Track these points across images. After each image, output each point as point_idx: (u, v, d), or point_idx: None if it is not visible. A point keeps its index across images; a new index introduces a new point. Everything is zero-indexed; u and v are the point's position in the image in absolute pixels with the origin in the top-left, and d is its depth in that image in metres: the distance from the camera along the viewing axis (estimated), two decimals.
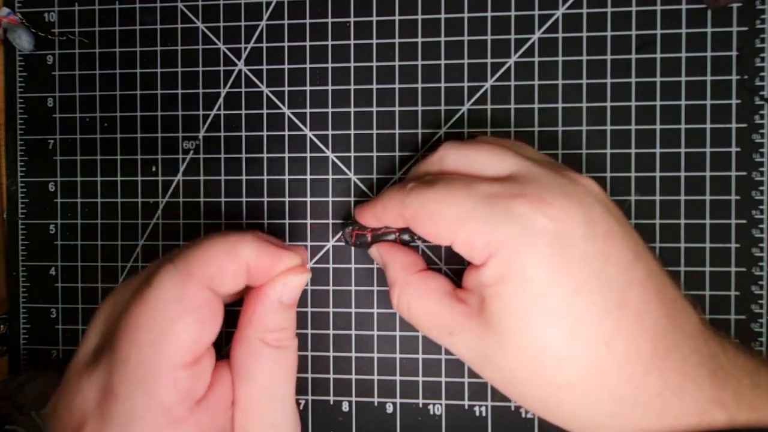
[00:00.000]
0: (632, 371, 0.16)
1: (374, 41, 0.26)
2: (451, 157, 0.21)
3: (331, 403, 0.27)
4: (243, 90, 0.27)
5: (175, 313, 0.16)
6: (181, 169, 0.28)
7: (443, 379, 0.26)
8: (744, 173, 0.25)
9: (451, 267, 0.26)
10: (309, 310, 0.27)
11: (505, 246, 0.17)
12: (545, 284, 0.17)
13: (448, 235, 0.18)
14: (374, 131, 0.27)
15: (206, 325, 0.17)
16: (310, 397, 0.27)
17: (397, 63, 0.26)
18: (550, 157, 0.22)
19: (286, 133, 0.27)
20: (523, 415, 0.26)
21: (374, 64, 0.26)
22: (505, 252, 0.17)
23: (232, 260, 0.17)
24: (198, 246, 0.17)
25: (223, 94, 0.27)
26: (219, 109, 0.27)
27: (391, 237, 0.23)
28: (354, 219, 0.24)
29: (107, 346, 0.17)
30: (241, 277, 0.18)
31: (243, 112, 0.27)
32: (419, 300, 0.20)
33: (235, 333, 0.18)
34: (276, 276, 0.18)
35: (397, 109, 0.26)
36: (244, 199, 0.27)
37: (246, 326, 0.18)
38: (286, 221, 0.27)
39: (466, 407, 0.26)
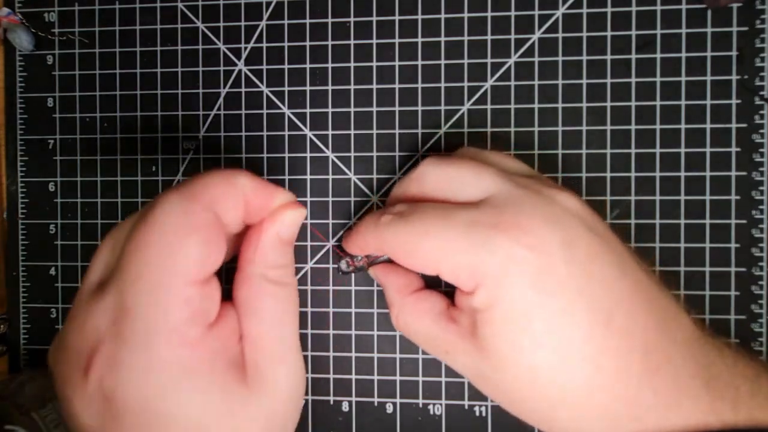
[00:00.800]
0: (623, 388, 0.16)
1: (374, 41, 0.26)
2: (430, 176, 0.21)
3: (331, 403, 0.27)
4: (243, 90, 0.27)
5: (182, 230, 0.16)
6: (181, 169, 0.28)
7: (443, 379, 0.26)
8: (744, 173, 0.25)
9: None
10: (309, 310, 0.27)
11: (488, 276, 0.17)
12: (530, 311, 0.17)
13: (431, 267, 0.19)
14: (374, 131, 0.27)
15: (211, 245, 0.17)
16: (310, 397, 0.27)
17: (397, 63, 0.26)
18: (530, 167, 0.22)
19: (286, 133, 0.27)
20: None
21: (374, 64, 0.26)
22: (490, 282, 0.17)
23: (231, 187, 0.18)
24: (199, 175, 0.18)
25: (223, 94, 0.27)
26: (219, 109, 0.27)
27: (385, 257, 0.23)
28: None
29: (115, 270, 0.17)
30: (239, 208, 0.18)
31: (243, 112, 0.27)
32: (415, 321, 0.21)
33: (237, 274, 0.19)
34: (274, 211, 0.19)
35: (397, 109, 0.26)
36: None
37: (247, 265, 0.19)
38: None
39: (466, 407, 0.26)
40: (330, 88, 0.27)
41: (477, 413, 0.26)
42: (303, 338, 0.27)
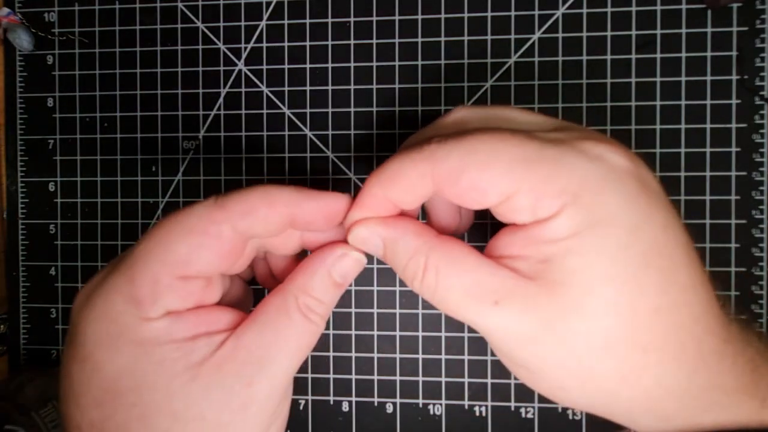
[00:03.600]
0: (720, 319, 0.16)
1: (374, 41, 0.26)
2: (474, 117, 0.17)
3: (331, 403, 0.27)
4: (243, 90, 0.27)
5: (192, 229, 0.16)
6: (181, 169, 0.28)
7: (443, 379, 0.26)
8: (744, 173, 0.25)
9: None
10: None
11: (587, 189, 0.14)
12: (638, 225, 0.15)
13: (504, 186, 0.15)
14: (374, 131, 0.27)
15: (209, 252, 0.16)
16: (310, 397, 0.27)
17: (397, 63, 0.26)
18: (548, 116, 0.19)
19: (286, 133, 0.27)
20: (523, 415, 0.26)
21: (374, 64, 0.26)
22: (588, 196, 0.14)
23: (267, 205, 0.17)
24: (240, 189, 0.17)
25: (223, 94, 0.27)
26: (219, 109, 0.27)
27: None
28: None
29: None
30: (275, 223, 0.17)
31: (243, 112, 0.27)
32: (451, 266, 0.16)
33: (277, 286, 0.18)
34: (335, 243, 0.18)
35: (397, 109, 0.26)
36: None
37: (288, 281, 0.18)
38: None
39: (466, 407, 0.26)
40: (330, 88, 0.27)
41: (477, 413, 0.26)
42: None
